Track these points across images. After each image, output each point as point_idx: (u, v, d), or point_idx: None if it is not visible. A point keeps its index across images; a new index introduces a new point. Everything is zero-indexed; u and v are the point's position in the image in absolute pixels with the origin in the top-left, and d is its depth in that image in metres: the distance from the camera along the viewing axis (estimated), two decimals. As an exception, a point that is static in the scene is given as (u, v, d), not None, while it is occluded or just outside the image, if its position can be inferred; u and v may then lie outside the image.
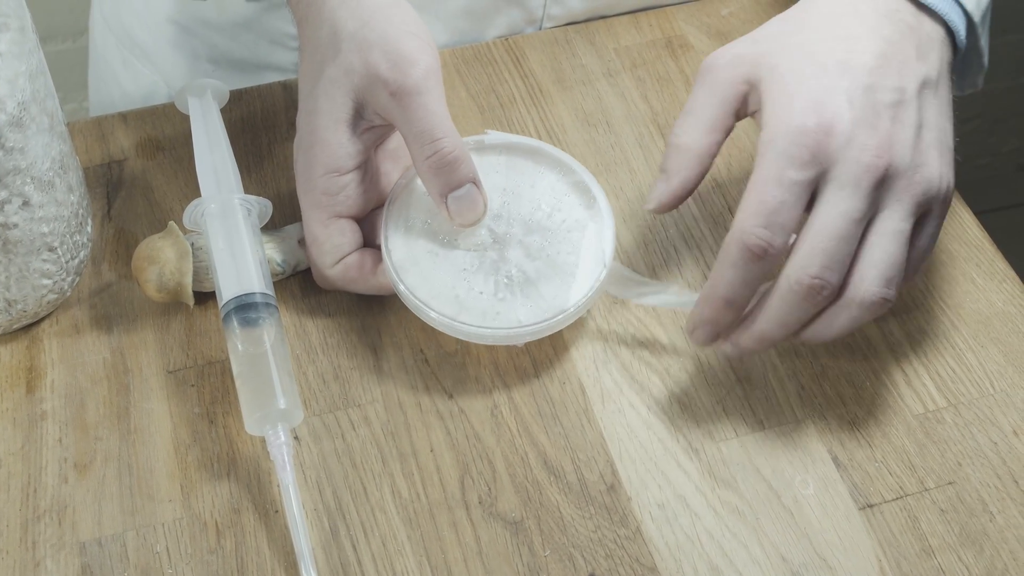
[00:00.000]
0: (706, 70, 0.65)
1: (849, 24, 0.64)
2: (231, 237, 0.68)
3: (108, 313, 0.71)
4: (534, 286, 0.67)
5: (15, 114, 0.63)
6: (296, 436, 0.66)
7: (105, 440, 0.66)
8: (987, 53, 0.69)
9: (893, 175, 0.61)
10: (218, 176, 0.70)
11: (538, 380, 0.69)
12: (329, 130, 0.67)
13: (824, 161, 0.60)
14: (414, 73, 0.64)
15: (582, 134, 0.79)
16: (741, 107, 0.64)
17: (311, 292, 0.72)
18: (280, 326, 0.66)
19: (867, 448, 0.66)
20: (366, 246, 0.69)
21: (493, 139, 0.72)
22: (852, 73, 0.62)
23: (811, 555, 0.62)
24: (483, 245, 0.68)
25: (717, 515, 0.64)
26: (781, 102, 0.62)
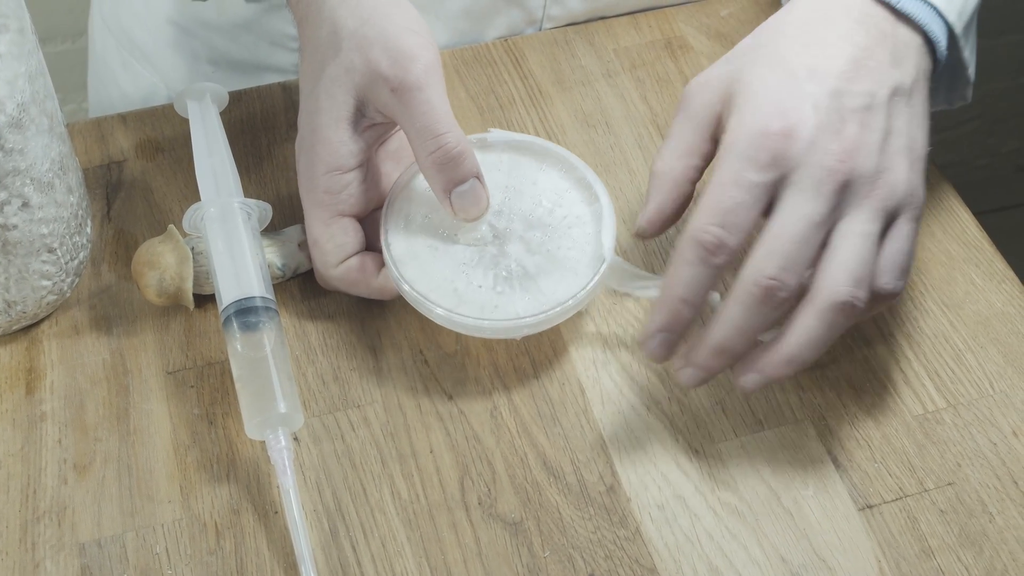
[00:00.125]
0: (684, 96, 0.65)
1: (821, 31, 0.63)
2: (231, 241, 0.68)
3: (107, 314, 0.71)
4: (533, 280, 0.67)
5: (14, 115, 0.62)
6: (296, 437, 0.66)
7: (105, 441, 0.66)
8: (973, 64, 0.69)
9: (856, 180, 0.60)
10: (217, 180, 0.70)
11: (537, 381, 0.69)
12: (331, 128, 0.67)
13: (785, 165, 0.60)
14: (415, 69, 0.64)
15: (581, 135, 0.79)
16: (717, 128, 0.64)
17: (311, 293, 0.72)
18: (280, 330, 0.66)
19: (866, 449, 0.66)
20: (368, 249, 0.69)
21: (496, 137, 0.72)
22: (819, 78, 0.61)
23: (811, 556, 0.62)
24: (483, 240, 0.68)
25: (717, 516, 0.64)
26: (746, 108, 0.61)
